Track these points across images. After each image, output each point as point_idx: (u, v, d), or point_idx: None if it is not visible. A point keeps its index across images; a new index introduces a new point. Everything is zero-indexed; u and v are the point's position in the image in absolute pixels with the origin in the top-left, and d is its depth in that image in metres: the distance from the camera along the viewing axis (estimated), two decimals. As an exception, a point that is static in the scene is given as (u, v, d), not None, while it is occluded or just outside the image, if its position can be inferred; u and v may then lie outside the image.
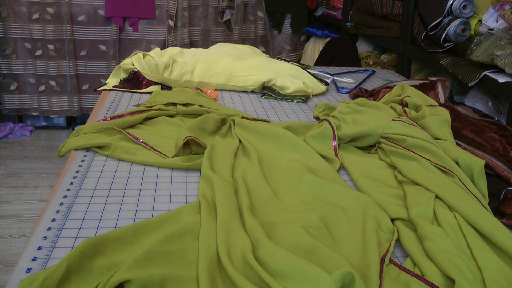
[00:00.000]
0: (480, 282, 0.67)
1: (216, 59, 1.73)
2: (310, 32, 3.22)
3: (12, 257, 2.01)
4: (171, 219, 0.80)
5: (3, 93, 3.26)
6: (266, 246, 0.69)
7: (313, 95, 1.68)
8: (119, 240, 0.72)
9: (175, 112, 1.31)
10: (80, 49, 3.23)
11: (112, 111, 1.40)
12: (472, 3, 1.63)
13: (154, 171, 1.02)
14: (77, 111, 3.35)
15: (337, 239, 0.78)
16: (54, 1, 3.09)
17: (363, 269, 0.70)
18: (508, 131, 1.12)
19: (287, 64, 1.80)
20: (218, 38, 3.38)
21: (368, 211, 0.83)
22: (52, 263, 0.69)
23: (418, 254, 0.74)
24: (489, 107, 1.55)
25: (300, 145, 1.09)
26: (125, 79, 1.67)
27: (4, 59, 3.17)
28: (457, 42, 1.68)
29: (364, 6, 2.47)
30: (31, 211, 2.36)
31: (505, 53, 1.38)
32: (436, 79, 1.50)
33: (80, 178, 0.97)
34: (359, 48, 2.66)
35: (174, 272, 0.66)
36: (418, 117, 1.21)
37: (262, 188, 0.92)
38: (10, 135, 3.27)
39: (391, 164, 1.05)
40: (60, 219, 0.81)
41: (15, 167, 2.84)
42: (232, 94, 1.67)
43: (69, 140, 1.11)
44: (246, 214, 0.80)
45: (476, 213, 0.79)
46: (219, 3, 3.31)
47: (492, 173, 0.97)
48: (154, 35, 3.27)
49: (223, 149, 1.06)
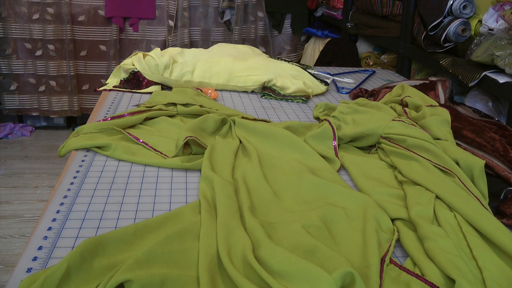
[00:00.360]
0: (480, 282, 0.67)
1: (216, 59, 1.73)
2: (310, 32, 3.22)
3: (12, 257, 2.01)
4: (171, 219, 0.80)
5: (3, 93, 3.26)
6: (267, 246, 0.70)
7: (313, 95, 1.68)
8: (119, 240, 0.72)
9: (175, 112, 1.31)
10: (80, 49, 3.23)
11: (112, 111, 1.40)
12: (472, 3, 1.63)
13: (154, 171, 1.02)
14: (77, 111, 3.36)
15: (337, 239, 0.78)
16: (54, 1, 3.09)
17: (363, 269, 0.70)
18: (508, 131, 1.12)
19: (287, 64, 1.80)
20: (218, 38, 3.38)
21: (368, 211, 0.83)
22: (53, 263, 0.69)
23: (418, 254, 0.74)
24: (489, 107, 1.55)
25: (300, 145, 1.09)
26: (125, 79, 1.67)
27: (4, 59, 3.17)
28: (457, 42, 1.68)
29: (364, 6, 2.47)
30: (31, 211, 2.37)
31: (505, 53, 1.38)
32: (436, 79, 1.50)
33: (80, 178, 0.97)
34: (359, 48, 2.66)
35: (174, 272, 0.66)
36: (418, 117, 1.21)
37: (263, 188, 0.92)
38: (10, 135, 3.27)
39: (391, 164, 1.05)
40: (60, 219, 0.81)
41: (15, 167, 2.84)
42: (232, 94, 1.67)
43: (69, 140, 1.11)
44: (246, 214, 0.80)
45: (476, 213, 0.79)
46: (219, 3, 3.31)
47: (492, 173, 0.97)
48: (154, 35, 3.27)
49: (224, 149, 1.06)
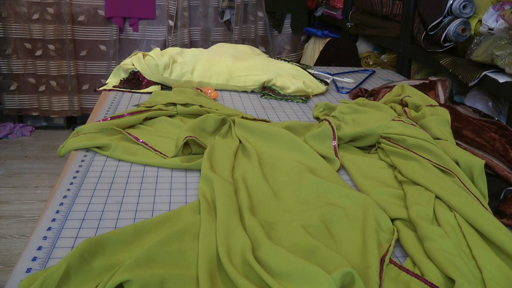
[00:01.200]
0: (480, 282, 0.67)
1: (216, 59, 1.73)
2: (310, 32, 3.22)
3: (12, 257, 2.01)
4: (171, 219, 0.79)
5: (3, 93, 3.26)
6: (266, 246, 0.69)
7: (313, 95, 1.68)
8: (118, 240, 0.72)
9: (175, 112, 1.31)
10: (80, 49, 3.23)
11: (112, 111, 1.40)
12: (472, 3, 1.63)
13: (154, 171, 1.02)
14: (78, 111, 3.36)
15: (337, 239, 0.78)
16: (54, 1, 3.09)
17: (363, 269, 0.70)
18: (508, 131, 1.12)
19: (287, 64, 1.80)
20: (218, 38, 3.38)
21: (368, 211, 0.83)
22: (52, 263, 0.69)
23: (418, 254, 0.74)
24: (489, 107, 1.55)
25: (300, 145, 1.09)
26: (125, 79, 1.67)
27: (4, 59, 3.17)
28: (457, 42, 1.67)
29: (364, 6, 2.47)
30: (31, 211, 2.36)
31: (505, 53, 1.38)
32: (436, 79, 1.50)
33: (80, 178, 0.97)
34: (359, 48, 2.66)
35: (174, 272, 0.66)
36: (418, 117, 1.21)
37: (262, 188, 0.92)
38: (10, 135, 3.27)
39: (391, 164, 1.05)
40: (60, 219, 0.81)
41: (15, 167, 2.84)
42: (232, 94, 1.67)
43: (69, 140, 1.11)
44: (246, 214, 0.80)
45: (476, 213, 0.79)
46: (219, 3, 3.31)
47: (492, 173, 0.97)
48: (154, 35, 3.27)
49: (223, 149, 1.06)
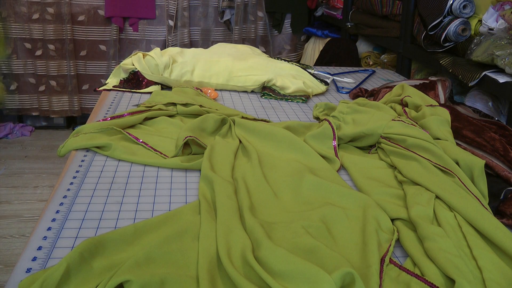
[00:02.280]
0: (480, 282, 0.67)
1: (216, 59, 1.73)
2: (310, 32, 3.22)
3: (12, 257, 2.01)
4: (171, 219, 0.79)
5: (3, 93, 3.26)
6: (266, 246, 0.69)
7: (313, 95, 1.68)
8: (119, 240, 0.72)
9: (175, 112, 1.31)
10: (80, 49, 3.23)
11: (112, 111, 1.40)
12: (472, 3, 1.63)
13: (154, 171, 1.02)
14: (78, 111, 3.36)
15: (337, 239, 0.78)
16: (54, 1, 3.09)
17: (363, 269, 0.70)
18: (508, 131, 1.12)
19: (287, 64, 1.80)
20: (218, 38, 3.38)
21: (368, 211, 0.83)
22: (52, 263, 0.69)
23: (418, 254, 0.74)
24: (489, 107, 1.55)
25: (300, 145, 1.09)
26: (125, 79, 1.67)
27: (4, 59, 3.17)
28: (457, 42, 1.67)
29: (364, 6, 2.47)
30: (31, 211, 2.36)
31: (505, 53, 1.38)
32: (436, 79, 1.50)
33: (80, 178, 0.97)
34: (359, 48, 2.66)
35: (174, 272, 0.66)
36: (418, 117, 1.21)
37: (262, 188, 0.92)
38: (10, 135, 3.27)
39: (391, 164, 1.05)
40: (60, 219, 0.81)
41: (15, 167, 2.84)
42: (232, 94, 1.67)
43: (69, 140, 1.11)
44: (246, 214, 0.80)
45: (476, 213, 0.79)
46: (219, 3, 3.31)
47: (492, 173, 0.97)
48: (154, 35, 3.27)
49: (223, 149, 1.06)
